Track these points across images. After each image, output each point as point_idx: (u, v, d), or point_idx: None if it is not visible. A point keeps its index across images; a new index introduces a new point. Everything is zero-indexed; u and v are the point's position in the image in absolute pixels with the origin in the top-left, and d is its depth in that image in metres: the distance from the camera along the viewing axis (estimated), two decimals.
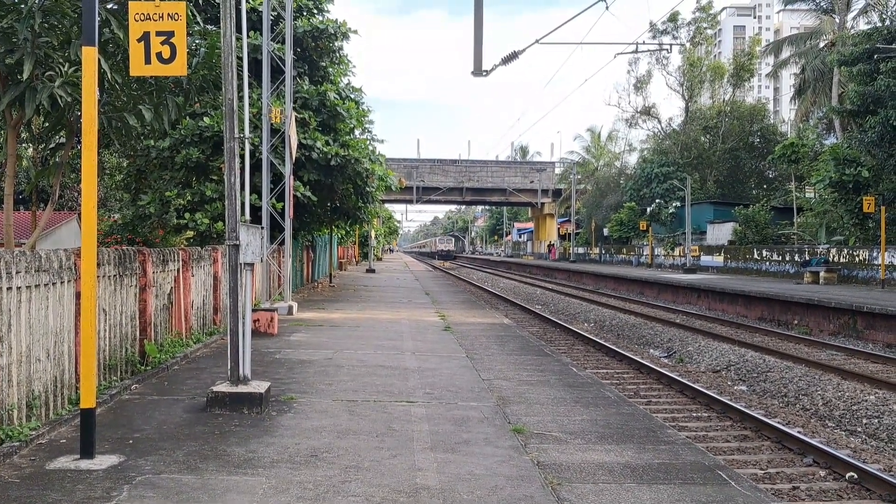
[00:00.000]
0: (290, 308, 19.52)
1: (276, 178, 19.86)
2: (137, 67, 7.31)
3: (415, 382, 10.71)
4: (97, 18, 6.68)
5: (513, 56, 20.18)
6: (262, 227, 9.65)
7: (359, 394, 9.84)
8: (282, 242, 20.55)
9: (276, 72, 19.87)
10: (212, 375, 10.65)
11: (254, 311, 14.74)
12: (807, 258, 32.33)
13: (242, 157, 14.61)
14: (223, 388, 8.75)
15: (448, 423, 8.33)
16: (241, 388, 8.70)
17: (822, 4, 45.86)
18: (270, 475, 6.44)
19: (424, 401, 9.48)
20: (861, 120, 33.59)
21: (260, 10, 20.08)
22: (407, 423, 8.33)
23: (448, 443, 7.55)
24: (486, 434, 7.94)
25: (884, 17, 34.05)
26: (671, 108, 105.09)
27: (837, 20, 44.70)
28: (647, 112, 62.97)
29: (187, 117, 19.48)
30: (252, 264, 9.20)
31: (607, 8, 18.60)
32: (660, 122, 63.71)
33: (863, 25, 41.35)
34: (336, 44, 24.45)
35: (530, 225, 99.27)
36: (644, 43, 43.98)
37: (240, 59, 13.28)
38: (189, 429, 7.91)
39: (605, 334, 22.57)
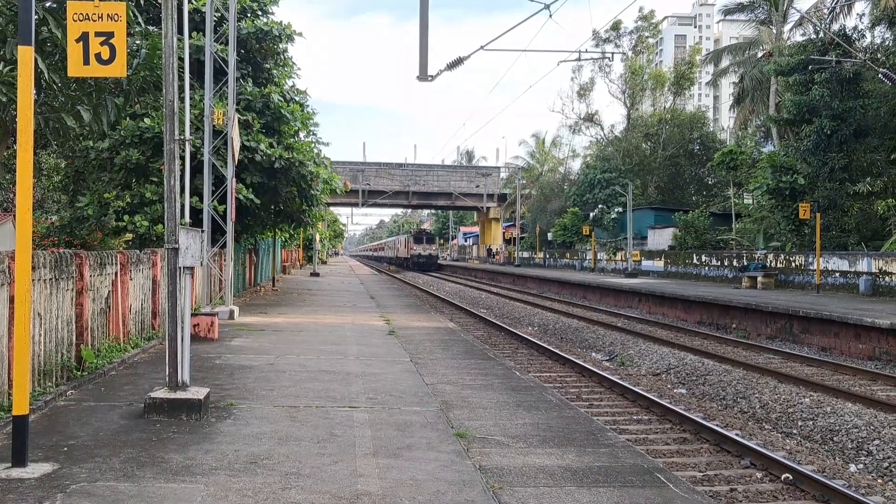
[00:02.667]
0: (232, 312, 19.27)
1: (219, 180, 19.61)
2: (76, 68, 7.15)
3: (358, 387, 10.66)
4: (34, 17, 6.52)
5: (458, 62, 20.26)
6: (203, 231, 9.52)
7: (301, 399, 9.76)
8: (223, 245, 20.27)
9: (220, 73, 19.63)
10: (150, 381, 10.46)
11: (194, 315, 14.53)
12: (745, 263, 33.07)
13: (183, 159, 14.38)
14: (161, 394, 8.60)
15: (391, 429, 8.31)
16: (180, 394, 8.56)
17: (759, 16, 47.00)
18: (209, 482, 6.35)
19: (367, 406, 9.45)
20: (797, 128, 34.53)
21: (203, 10, 19.81)
22: (349, 428, 8.29)
23: (390, 448, 7.54)
24: (428, 439, 7.94)
25: (818, 29, 35.02)
26: (614, 115, 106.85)
27: (775, 31, 45.88)
28: (591, 119, 63.79)
29: (127, 118, 19.12)
30: (192, 268, 9.06)
31: (550, 16, 18.82)
32: (602, 128, 64.60)
33: (798, 37, 42.52)
34: (281, 46, 24.23)
35: (476, 229, 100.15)
36: (587, 51, 44.68)
37: (182, 60, 13.08)
38: (126, 435, 7.76)
39: (548, 338, 22.76)
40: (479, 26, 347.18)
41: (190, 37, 16.30)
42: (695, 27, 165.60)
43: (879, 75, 24.66)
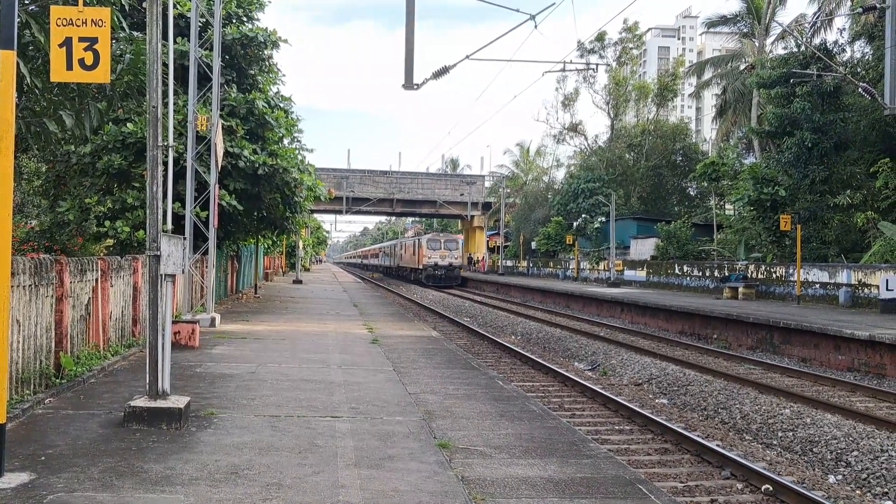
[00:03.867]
0: (213, 320, 19.15)
1: (201, 186, 19.52)
2: (59, 73, 7.09)
3: (340, 397, 10.61)
4: (16, 20, 6.46)
5: (443, 71, 20.28)
6: (185, 238, 9.45)
7: (282, 409, 9.70)
8: (205, 252, 20.17)
9: (204, 79, 19.55)
10: (130, 389, 10.36)
11: (175, 322, 14.44)
12: (726, 274, 33.25)
13: (166, 164, 14.30)
14: (141, 402, 8.52)
15: (373, 439, 8.28)
16: (160, 403, 8.49)
17: (742, 28, 47.41)
18: (189, 493, 6.29)
19: (350, 416, 9.40)
20: (779, 141, 34.82)
21: (188, 16, 19.74)
22: (331, 438, 8.25)
23: (373, 458, 7.50)
24: (411, 449, 7.91)
25: (799, 43, 35.36)
26: (597, 126, 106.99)
27: (757, 44, 46.28)
28: (575, 129, 64.06)
29: (110, 123, 19.00)
30: (173, 276, 9.00)
31: (536, 27, 18.88)
32: (586, 138, 64.89)
33: (780, 50, 42.91)
34: (266, 52, 24.20)
35: (460, 237, 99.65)
36: (571, 62, 44.93)
37: (166, 65, 13.02)
38: (105, 445, 7.68)
39: (531, 347, 22.78)
40: (465, 36, 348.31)
41: (175, 42, 16.25)
42: (678, 39, 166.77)
43: (859, 89, 24.92)
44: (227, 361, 13.55)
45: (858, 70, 33.10)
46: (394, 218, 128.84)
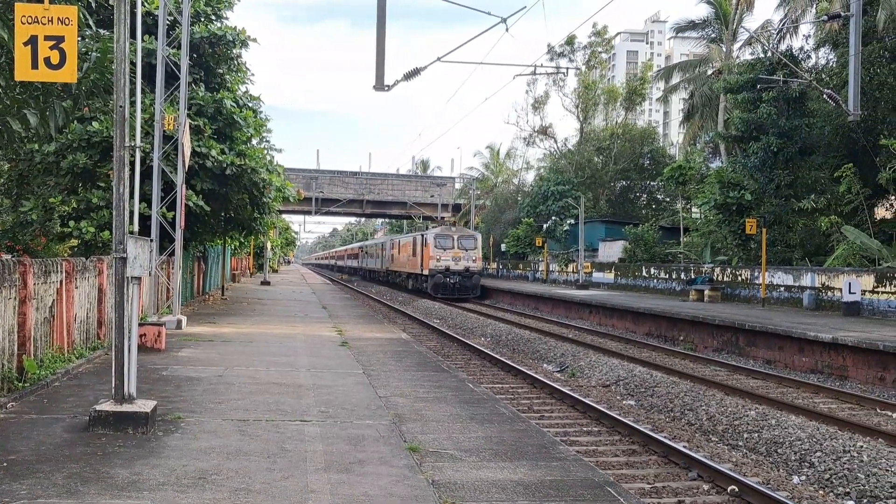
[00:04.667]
0: (179, 322, 18.95)
1: (168, 186, 19.30)
2: (23, 72, 6.97)
3: (309, 400, 10.55)
4: None
5: (415, 72, 20.26)
6: (151, 240, 9.34)
7: (250, 413, 9.61)
8: (172, 253, 19.95)
9: (171, 77, 19.34)
10: (95, 393, 10.21)
11: (140, 325, 14.26)
12: (692, 277, 33.56)
13: (132, 164, 14.12)
14: (107, 406, 8.40)
15: (343, 443, 8.23)
16: (126, 407, 8.38)
17: (710, 34, 47.89)
18: (156, 498, 6.21)
19: (319, 419, 9.34)
20: (745, 145, 35.20)
21: (156, 14, 19.52)
22: (300, 442, 8.19)
23: (342, 463, 7.46)
24: (381, 453, 7.88)
25: (766, 49, 35.82)
26: (567, 129, 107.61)
27: (724, 49, 46.78)
28: (544, 132, 64.32)
29: (75, 121, 18.72)
30: (139, 278, 8.88)
31: (507, 30, 18.94)
32: (556, 141, 65.16)
33: (747, 56, 43.41)
34: (234, 51, 24.00)
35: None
36: (542, 66, 45.05)
37: (133, 64, 12.83)
38: (70, 450, 7.56)
39: (501, 349, 22.82)
40: (436, 38, 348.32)
41: (142, 40, 16.05)
42: (646, 44, 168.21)
43: (824, 95, 25.30)
44: (194, 364, 13.41)
45: (823, 76, 33.59)
46: (363, 219, 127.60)
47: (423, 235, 46.64)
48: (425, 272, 44.27)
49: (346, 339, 18.39)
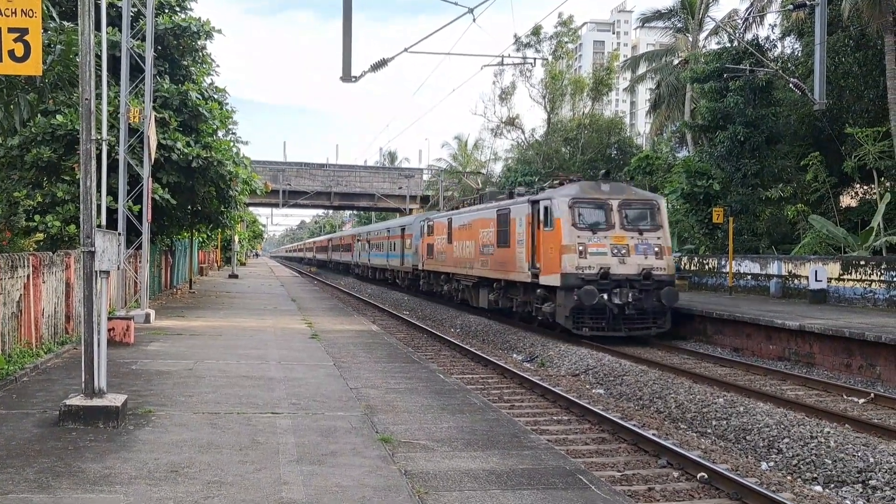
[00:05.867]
0: (148, 316, 18.80)
1: (134, 179, 19.10)
2: None
3: (280, 393, 10.53)
4: None
5: (382, 63, 20.21)
6: (120, 233, 9.26)
7: (221, 406, 9.58)
8: (139, 247, 19.76)
9: (136, 70, 19.11)
10: (64, 388, 10.11)
11: (109, 319, 14.09)
12: None
13: (99, 158, 13.95)
14: (77, 401, 8.34)
15: (315, 435, 8.24)
16: (97, 402, 8.32)
17: (676, 24, 48.23)
18: (128, 492, 6.18)
19: (290, 412, 9.34)
20: (711, 135, 35.57)
21: (119, 5, 19.26)
22: (272, 435, 8.18)
23: (315, 454, 7.47)
24: (353, 444, 7.90)
25: (732, 38, 36.17)
26: (534, 119, 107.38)
27: (691, 39, 47.16)
28: (512, 122, 64.39)
29: (39, 115, 18.44)
30: (108, 272, 8.81)
31: (474, 20, 18.93)
32: (523, 132, 65.29)
33: (714, 45, 43.80)
34: (199, 42, 23.75)
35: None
36: (509, 56, 45.10)
37: (98, 56, 12.65)
38: (40, 444, 7.49)
39: (471, 340, 22.89)
40: (404, 28, 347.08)
41: (106, 32, 15.83)
42: (613, 33, 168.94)
43: (790, 84, 25.61)
44: (163, 358, 13.32)
45: (789, 65, 34.02)
46: (331, 211, 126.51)
47: (534, 203, 22.14)
48: (549, 280, 20.98)
49: (316, 331, 18.35)
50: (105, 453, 7.25)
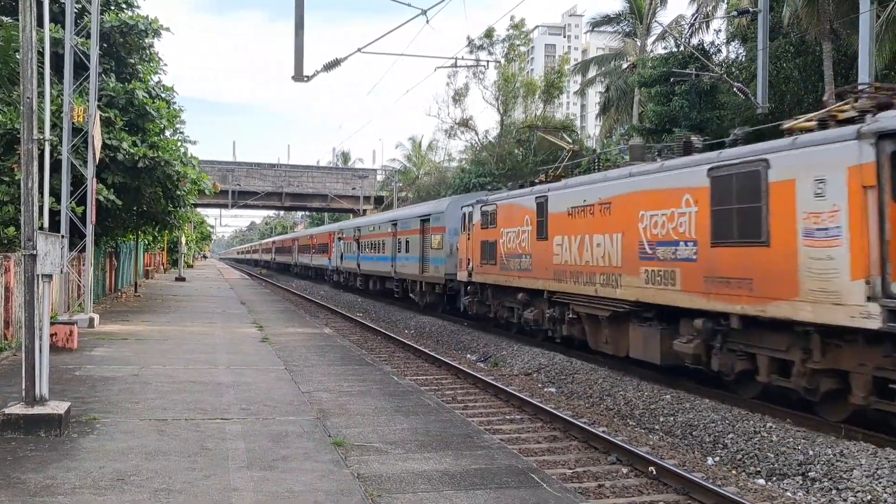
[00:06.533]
0: (92, 320, 18.40)
1: (77, 180, 18.67)
2: None
3: (230, 398, 10.37)
4: None
5: (335, 63, 20.03)
6: (63, 236, 9.03)
7: (168, 412, 9.39)
8: (82, 249, 19.33)
9: (80, 68, 18.68)
10: (3, 396, 9.80)
11: (51, 324, 13.76)
12: None
13: (41, 158, 13.61)
14: (17, 409, 8.09)
15: (265, 440, 8.12)
16: (38, 409, 8.08)
17: (625, 28, 48.81)
18: (72, 502, 6.02)
19: (240, 417, 9.20)
20: (658, 137, 36.04)
21: (62, 1, 18.82)
22: (221, 441, 8.05)
23: (265, 460, 7.36)
24: (305, 449, 7.81)
25: (678, 43, 36.72)
26: (488, 121, 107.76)
27: (639, 43, 47.78)
28: (465, 124, 64.51)
29: None
30: (51, 275, 8.57)
31: (427, 21, 18.85)
32: (477, 133, 65.48)
33: (661, 50, 44.42)
34: (146, 41, 23.35)
35: None
36: (462, 58, 45.28)
37: (41, 54, 12.35)
38: None
39: (424, 341, 22.85)
40: (357, 28, 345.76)
41: (49, 29, 15.47)
42: (564, 37, 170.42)
43: (734, 89, 26.10)
44: (108, 364, 13.03)
45: (733, 70, 34.62)
46: (283, 212, 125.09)
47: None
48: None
49: (267, 335, 18.15)
50: (47, 463, 7.05)
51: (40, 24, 10.91)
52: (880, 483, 8.52)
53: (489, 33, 59.11)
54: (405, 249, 31.19)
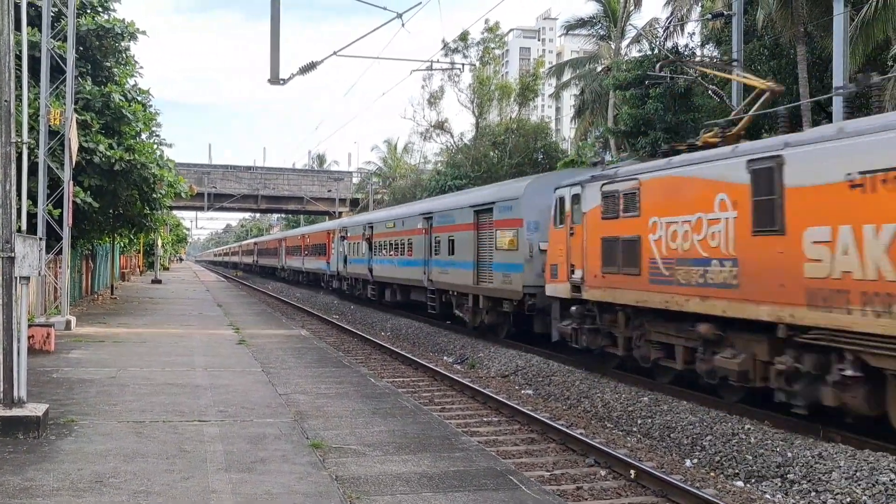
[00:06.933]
0: (69, 323, 18.31)
1: (54, 183, 18.56)
2: None
3: (207, 400, 10.39)
4: None
5: (311, 66, 20.07)
6: (41, 238, 9.03)
7: (146, 414, 9.40)
8: (59, 252, 19.22)
9: (57, 71, 18.58)
10: None
11: (28, 326, 13.70)
12: None
13: (18, 161, 13.55)
14: None
15: (243, 442, 8.16)
16: (16, 412, 8.08)
17: (599, 31, 49.13)
18: None
19: (218, 419, 9.23)
20: (633, 140, 36.31)
21: (38, 4, 18.71)
22: (199, 443, 8.08)
23: (243, 462, 7.41)
24: (283, 451, 7.86)
25: (653, 46, 37.02)
26: (463, 124, 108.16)
27: (613, 46, 48.09)
28: (441, 126, 64.65)
29: None
30: (28, 278, 8.57)
31: (403, 25, 18.97)
32: (452, 136, 65.60)
33: (635, 53, 44.73)
34: (123, 44, 23.26)
35: None
36: (438, 61, 45.36)
37: (18, 57, 12.30)
38: None
39: (401, 343, 22.91)
40: (333, 31, 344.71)
41: (26, 32, 15.39)
42: (539, 40, 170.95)
43: (709, 91, 26.37)
44: (85, 366, 12.99)
45: (707, 73, 34.97)
46: (258, 215, 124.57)
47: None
48: None
49: (244, 337, 18.13)
50: (25, 465, 7.05)
51: (18, 27, 10.88)
52: (859, 485, 8.58)
53: (464, 36, 59.24)
54: (447, 251, 23.98)
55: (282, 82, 19.75)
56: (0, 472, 6.80)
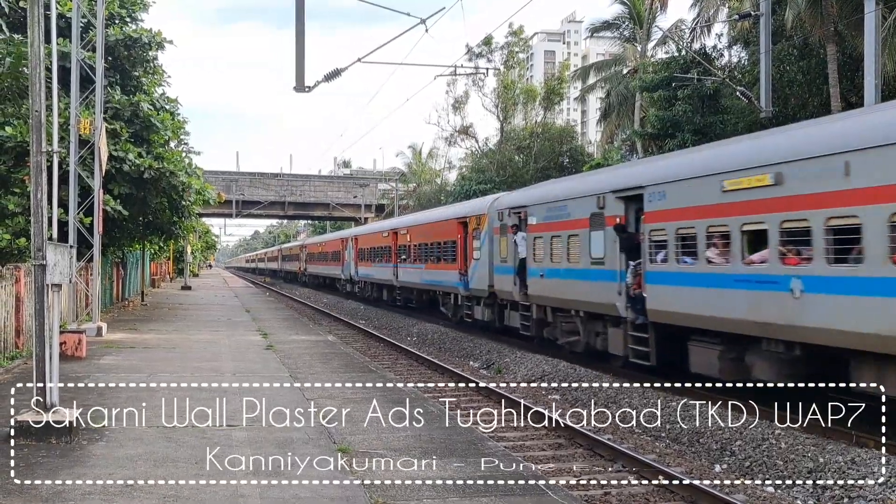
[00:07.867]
0: (100, 329, 18.54)
1: (84, 191, 18.84)
2: None
3: (235, 405, 10.44)
4: None
5: (335, 73, 20.18)
6: (72, 246, 9.17)
7: (176, 419, 9.47)
8: (90, 259, 19.49)
9: (86, 81, 18.88)
10: (16, 403, 9.90)
11: (60, 332, 13.90)
12: None
13: (49, 170, 13.77)
14: (29, 416, 8.21)
15: (271, 447, 8.22)
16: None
17: (625, 33, 48.86)
18: None
19: (246, 424, 9.30)
20: (661, 142, 36.07)
21: (69, 16, 19.01)
22: (228, 448, 8.15)
23: (271, 467, 7.46)
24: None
25: (680, 47, 36.78)
26: (487, 128, 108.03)
27: (639, 48, 47.81)
28: (465, 131, 64.68)
29: None
30: (60, 285, 8.70)
31: (427, 30, 19.00)
32: (477, 141, 65.60)
33: (662, 55, 44.44)
34: (150, 53, 23.56)
35: None
36: (462, 66, 45.39)
37: (48, 68, 12.52)
38: None
39: (427, 348, 22.91)
40: (357, 38, 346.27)
41: (56, 43, 15.66)
42: (563, 43, 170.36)
43: (737, 93, 26.18)
44: (116, 372, 13.15)
45: (736, 74, 34.64)
46: (285, 221, 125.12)
47: None
48: None
49: (272, 342, 18.25)
50: (58, 469, 7.16)
51: (48, 39, 11.07)
52: (894, 492, 8.48)
53: (488, 41, 59.20)
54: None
55: (307, 89, 19.87)
56: (33, 476, 6.91)
